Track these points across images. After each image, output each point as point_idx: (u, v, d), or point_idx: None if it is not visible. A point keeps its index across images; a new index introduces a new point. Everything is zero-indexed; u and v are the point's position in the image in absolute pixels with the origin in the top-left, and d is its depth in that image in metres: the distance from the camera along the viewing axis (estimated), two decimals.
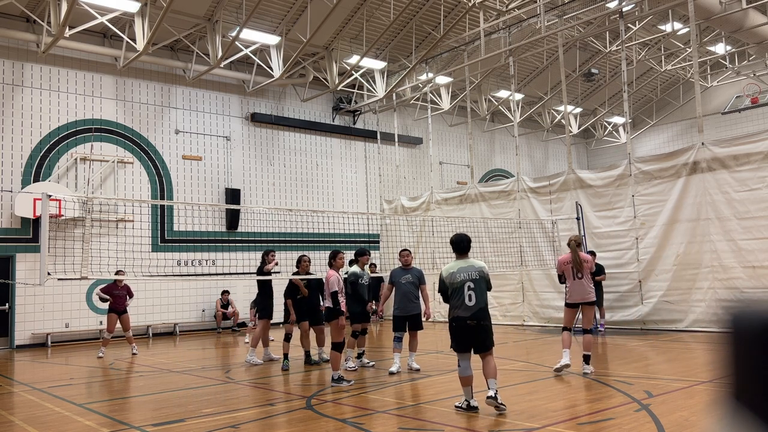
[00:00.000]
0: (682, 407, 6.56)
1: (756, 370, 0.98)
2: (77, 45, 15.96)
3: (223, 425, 6.54)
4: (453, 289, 6.52)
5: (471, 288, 6.49)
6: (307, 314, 10.44)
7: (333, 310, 8.65)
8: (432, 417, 6.58)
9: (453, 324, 6.54)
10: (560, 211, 15.74)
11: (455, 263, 6.70)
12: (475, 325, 6.43)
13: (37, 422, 7.00)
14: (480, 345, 6.51)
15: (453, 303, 6.53)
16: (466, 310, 6.44)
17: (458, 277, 6.53)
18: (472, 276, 6.55)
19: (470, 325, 6.43)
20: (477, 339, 6.49)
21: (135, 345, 13.25)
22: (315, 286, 10.53)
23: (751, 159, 12.53)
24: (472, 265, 6.67)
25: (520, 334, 14.43)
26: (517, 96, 22.91)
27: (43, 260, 8.56)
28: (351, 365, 9.79)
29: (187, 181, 18.15)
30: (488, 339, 6.54)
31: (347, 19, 18.48)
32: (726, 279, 12.66)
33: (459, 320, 6.47)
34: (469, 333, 6.47)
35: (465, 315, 6.43)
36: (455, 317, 6.50)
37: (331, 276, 8.75)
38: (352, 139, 21.95)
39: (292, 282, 10.61)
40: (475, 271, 6.59)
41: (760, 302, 1.02)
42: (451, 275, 6.57)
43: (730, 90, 24.33)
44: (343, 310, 8.70)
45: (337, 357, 8.42)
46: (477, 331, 6.46)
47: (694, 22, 14.29)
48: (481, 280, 6.57)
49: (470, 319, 6.43)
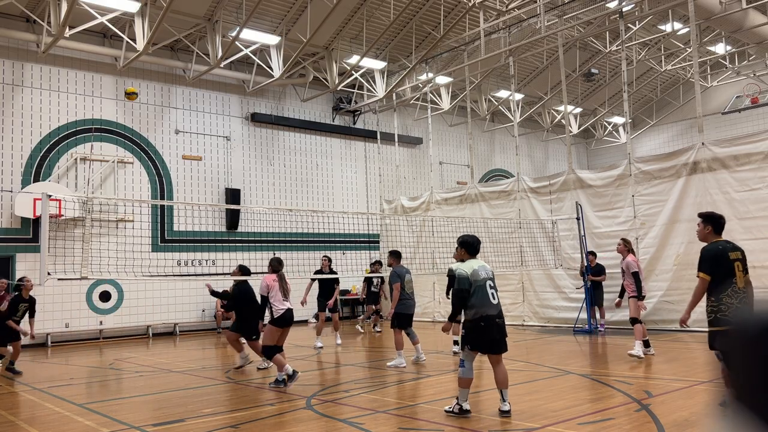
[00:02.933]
0: (682, 407, 6.56)
1: (756, 370, 0.98)
2: (77, 45, 15.96)
3: (223, 425, 6.54)
4: (477, 287, 6.33)
5: (492, 286, 6.41)
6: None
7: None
8: (432, 417, 6.58)
9: (481, 323, 6.27)
10: (560, 211, 15.73)
11: (474, 261, 6.54)
12: (502, 323, 6.36)
13: (37, 422, 7.00)
14: (502, 345, 6.39)
15: (476, 301, 6.31)
16: (493, 308, 6.31)
17: (481, 274, 6.39)
18: (489, 274, 6.48)
19: (498, 323, 6.31)
20: (501, 339, 6.37)
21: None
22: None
23: (751, 159, 12.53)
24: (485, 265, 6.59)
25: (520, 334, 14.42)
26: (517, 96, 22.91)
27: (43, 260, 8.56)
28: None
29: (187, 181, 18.15)
30: (505, 340, 6.46)
31: (347, 19, 18.48)
32: None
33: (488, 319, 6.26)
34: (495, 332, 6.30)
35: (494, 313, 6.29)
36: (484, 316, 6.27)
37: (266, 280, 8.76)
38: (352, 139, 21.95)
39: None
40: (491, 271, 6.55)
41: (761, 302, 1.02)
42: (474, 272, 6.38)
43: (730, 90, 24.33)
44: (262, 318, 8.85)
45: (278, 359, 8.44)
46: (502, 330, 6.37)
47: (694, 22, 14.29)
48: (494, 279, 6.52)
49: (498, 317, 6.32)
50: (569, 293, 15.46)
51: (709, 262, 5.91)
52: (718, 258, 5.94)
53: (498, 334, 6.33)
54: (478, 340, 6.34)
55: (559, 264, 15.01)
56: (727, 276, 5.84)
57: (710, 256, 5.94)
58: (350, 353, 12.65)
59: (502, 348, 6.39)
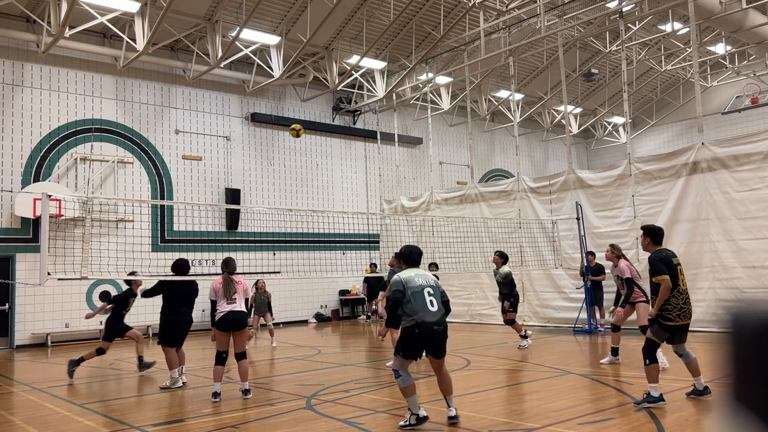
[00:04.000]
0: (682, 407, 6.56)
1: (756, 370, 0.98)
2: (77, 45, 15.96)
3: (223, 425, 6.54)
4: (412, 293, 6.08)
5: (431, 294, 6.13)
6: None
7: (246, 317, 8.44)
8: (432, 417, 6.58)
9: (416, 330, 5.98)
10: (560, 211, 15.73)
11: (411, 270, 6.37)
12: (441, 331, 6.06)
13: (37, 422, 7.00)
14: (438, 349, 6.13)
15: (413, 308, 6.03)
16: (431, 315, 6.02)
17: (417, 281, 6.16)
18: (429, 282, 6.23)
19: (437, 331, 6.02)
20: (438, 345, 6.12)
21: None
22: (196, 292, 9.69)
23: (751, 159, 12.52)
24: (427, 274, 6.39)
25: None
26: (517, 96, 22.90)
27: (43, 260, 8.56)
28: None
29: (187, 181, 18.15)
30: (445, 344, 6.21)
31: (347, 19, 18.48)
32: (726, 279, 12.66)
33: (425, 325, 5.97)
34: (431, 339, 6.05)
35: (432, 320, 6.00)
36: (420, 322, 5.97)
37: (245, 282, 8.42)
38: (352, 139, 21.94)
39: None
40: (432, 279, 6.31)
41: (760, 302, 1.02)
42: (409, 279, 6.18)
43: (730, 90, 24.32)
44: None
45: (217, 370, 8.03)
46: (441, 337, 6.10)
47: (694, 22, 14.29)
48: (437, 288, 6.24)
49: (437, 324, 6.02)
50: (569, 293, 15.46)
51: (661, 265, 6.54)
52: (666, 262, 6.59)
53: (430, 341, 6.07)
54: (408, 347, 6.07)
55: (559, 264, 15.01)
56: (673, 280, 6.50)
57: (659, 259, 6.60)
58: (350, 353, 12.65)
59: (439, 352, 6.14)
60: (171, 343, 9.20)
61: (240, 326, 8.10)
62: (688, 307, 6.56)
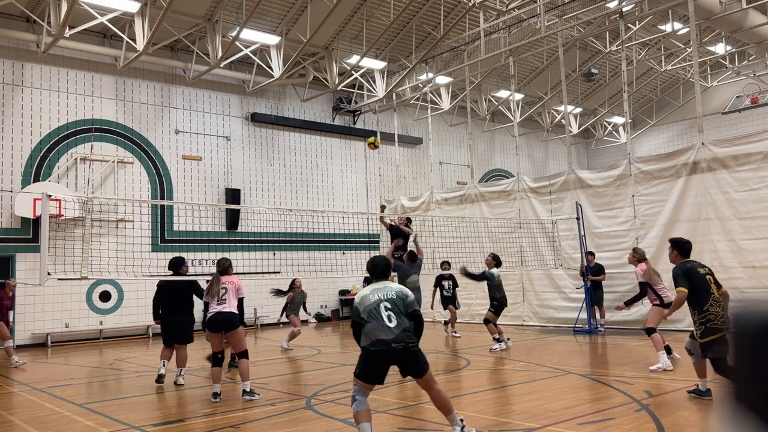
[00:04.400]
0: (682, 407, 6.57)
1: (756, 370, 0.98)
2: (77, 45, 15.96)
3: (223, 425, 6.54)
4: (368, 312, 5.44)
5: (388, 308, 5.42)
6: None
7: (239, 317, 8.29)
8: (432, 417, 6.58)
9: (371, 349, 5.33)
10: (560, 211, 15.73)
11: (369, 286, 5.73)
12: (402, 348, 5.28)
13: (37, 422, 7.00)
14: (412, 368, 5.45)
15: (367, 327, 5.40)
16: (387, 332, 5.32)
17: (371, 298, 5.49)
18: (388, 296, 5.50)
19: (396, 348, 5.27)
20: (407, 363, 5.44)
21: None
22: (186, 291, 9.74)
23: (751, 159, 12.52)
24: (388, 286, 5.66)
25: (520, 334, 14.42)
26: (517, 96, 22.90)
27: (43, 260, 8.56)
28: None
29: (187, 181, 18.15)
30: (420, 361, 5.45)
31: (347, 19, 18.48)
32: (726, 279, 12.63)
33: (380, 344, 5.29)
34: (389, 360, 5.38)
35: (387, 338, 5.28)
36: (375, 341, 5.31)
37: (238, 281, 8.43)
38: (352, 139, 21.95)
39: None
40: (393, 291, 5.58)
41: (760, 302, 1.02)
42: (363, 298, 5.56)
43: (730, 90, 24.32)
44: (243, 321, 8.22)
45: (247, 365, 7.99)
46: (404, 355, 5.34)
47: (694, 22, 14.29)
48: (398, 300, 5.51)
49: (395, 342, 5.27)
50: (569, 293, 15.46)
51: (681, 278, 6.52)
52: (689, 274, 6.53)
53: (389, 362, 5.41)
54: (364, 368, 5.43)
55: (559, 264, 15.01)
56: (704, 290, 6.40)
57: (681, 272, 6.58)
58: (350, 353, 12.63)
59: (413, 372, 5.46)
60: (164, 341, 9.47)
61: (229, 327, 8.08)
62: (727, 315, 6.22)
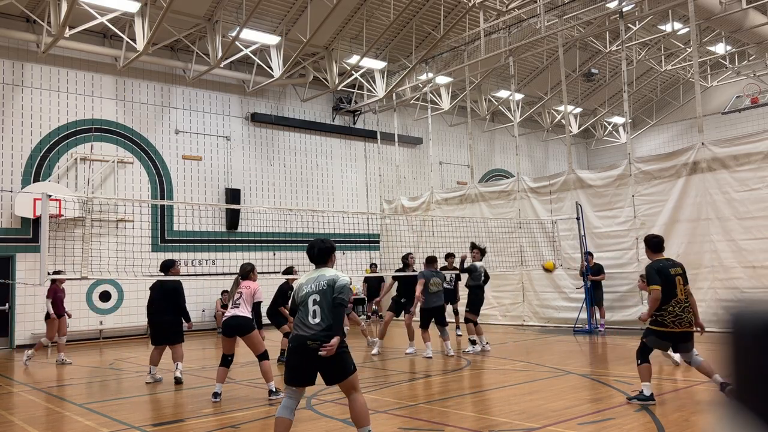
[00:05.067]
0: (682, 407, 6.57)
1: (756, 370, 0.98)
2: (77, 45, 15.96)
3: (223, 425, 6.54)
4: (300, 303, 5.11)
5: (316, 302, 5.02)
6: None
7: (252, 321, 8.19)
8: (432, 417, 6.58)
9: (290, 345, 5.05)
10: (560, 211, 15.74)
11: (308, 273, 5.36)
12: (315, 347, 4.85)
13: (37, 422, 7.00)
14: (329, 374, 4.97)
15: (296, 320, 5.09)
16: (306, 328, 4.95)
17: (304, 289, 5.13)
18: (319, 287, 5.06)
19: (311, 347, 4.86)
20: (324, 367, 4.93)
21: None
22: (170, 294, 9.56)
23: (751, 159, 12.53)
24: (322, 274, 5.18)
25: (520, 334, 14.43)
26: (517, 96, 22.90)
27: (43, 260, 8.57)
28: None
29: (187, 181, 18.15)
30: (341, 367, 4.96)
31: (347, 19, 18.48)
32: (726, 279, 12.66)
33: (297, 339, 4.95)
34: (308, 359, 4.90)
35: (305, 334, 4.92)
36: (294, 335, 5.02)
37: (254, 286, 8.36)
38: (352, 139, 21.95)
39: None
40: (324, 281, 5.09)
41: (760, 302, 1.02)
42: (299, 287, 5.21)
43: (730, 90, 24.33)
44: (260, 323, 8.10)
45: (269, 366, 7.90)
46: (317, 356, 4.85)
47: (694, 22, 14.29)
48: (328, 289, 5.05)
49: (311, 339, 4.88)
50: (569, 293, 15.46)
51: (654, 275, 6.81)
52: (662, 273, 6.82)
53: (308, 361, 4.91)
54: (289, 368, 5.07)
55: (559, 264, 15.02)
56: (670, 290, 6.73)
57: (654, 270, 6.84)
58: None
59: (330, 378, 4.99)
60: (152, 341, 9.73)
61: (242, 331, 8.06)
62: (686, 315, 6.69)
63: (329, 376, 4.99)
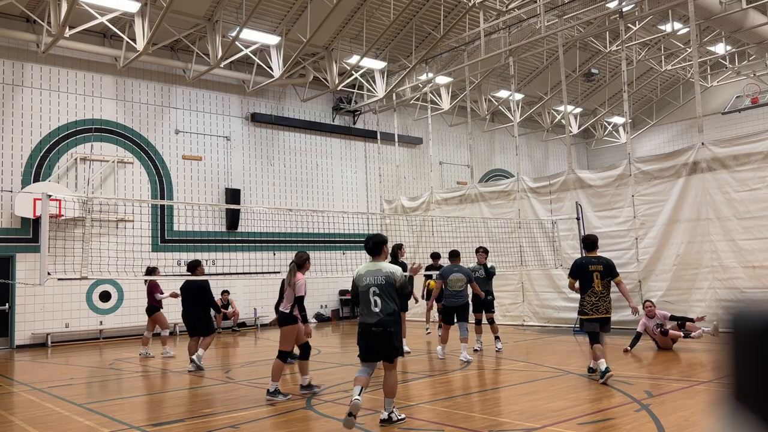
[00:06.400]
0: (682, 407, 6.57)
1: (756, 370, 0.98)
2: (77, 45, 15.96)
3: (223, 425, 6.54)
4: (361, 293, 6.22)
5: (376, 293, 6.12)
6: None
7: (290, 316, 7.90)
8: (432, 417, 6.58)
9: (359, 330, 6.25)
10: (560, 211, 15.73)
11: (366, 265, 6.37)
12: (380, 332, 6.06)
13: (37, 422, 7.00)
14: (384, 352, 6.15)
15: (360, 308, 6.29)
16: (371, 316, 6.11)
17: (364, 281, 6.21)
18: (378, 281, 6.14)
19: (375, 332, 6.07)
20: (380, 347, 6.13)
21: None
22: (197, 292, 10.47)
23: (751, 159, 12.52)
24: (380, 269, 6.23)
25: (520, 334, 14.43)
26: (517, 96, 22.90)
27: (43, 260, 8.56)
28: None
29: (187, 181, 18.15)
30: (393, 349, 6.15)
31: (347, 19, 18.48)
32: (726, 279, 12.66)
33: (363, 326, 6.18)
34: (374, 341, 6.11)
35: (370, 321, 6.10)
36: (361, 323, 6.25)
37: (300, 279, 7.90)
38: (352, 139, 21.95)
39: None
40: (382, 276, 6.17)
41: (760, 302, 1.02)
42: (359, 277, 6.29)
43: (730, 90, 24.33)
44: (297, 317, 7.91)
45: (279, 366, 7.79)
46: (382, 339, 6.08)
47: (694, 22, 14.29)
48: (388, 285, 6.14)
49: (375, 326, 6.07)
50: (569, 293, 15.43)
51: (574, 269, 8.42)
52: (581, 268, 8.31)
53: (374, 343, 6.11)
54: (359, 348, 6.27)
55: (559, 264, 15.01)
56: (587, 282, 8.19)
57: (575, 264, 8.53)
58: (350, 353, 12.63)
59: (381, 356, 6.15)
60: (189, 334, 10.79)
61: (280, 324, 8.01)
62: (602, 304, 8.10)
63: (384, 354, 6.12)
